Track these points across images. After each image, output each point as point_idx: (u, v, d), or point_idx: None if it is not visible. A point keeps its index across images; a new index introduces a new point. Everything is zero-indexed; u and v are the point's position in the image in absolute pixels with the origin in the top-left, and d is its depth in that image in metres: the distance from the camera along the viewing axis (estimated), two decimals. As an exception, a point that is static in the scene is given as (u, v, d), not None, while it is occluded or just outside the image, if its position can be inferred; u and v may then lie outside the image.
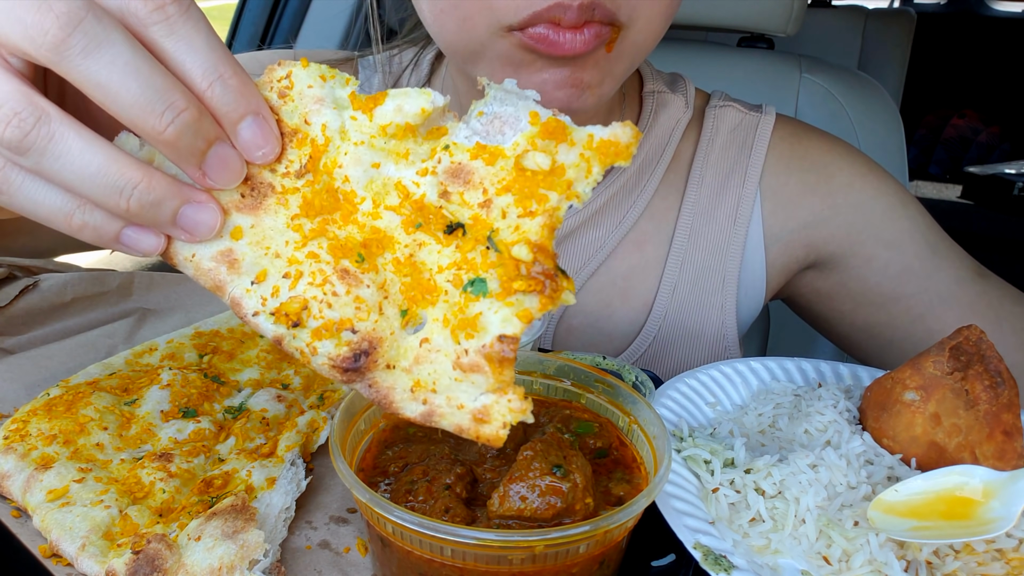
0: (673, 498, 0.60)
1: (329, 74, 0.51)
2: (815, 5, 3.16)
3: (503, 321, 0.46)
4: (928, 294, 0.95)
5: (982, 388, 0.64)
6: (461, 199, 0.49)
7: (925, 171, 6.17)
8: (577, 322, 1.01)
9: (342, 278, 0.49)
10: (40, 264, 0.91)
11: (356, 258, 0.50)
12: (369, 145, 0.51)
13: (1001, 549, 0.57)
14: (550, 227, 0.48)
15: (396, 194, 0.50)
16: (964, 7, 5.99)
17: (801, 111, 1.57)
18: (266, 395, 0.75)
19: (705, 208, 0.98)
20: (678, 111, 1.00)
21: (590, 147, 0.47)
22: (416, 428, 0.61)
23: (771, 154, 0.98)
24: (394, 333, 0.49)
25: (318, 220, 0.51)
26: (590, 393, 0.63)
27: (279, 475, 0.65)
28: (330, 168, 0.51)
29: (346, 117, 0.51)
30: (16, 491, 0.63)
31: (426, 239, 0.50)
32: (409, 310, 0.50)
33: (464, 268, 0.48)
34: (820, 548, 0.57)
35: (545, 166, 0.47)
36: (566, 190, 0.48)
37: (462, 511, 0.52)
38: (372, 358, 0.49)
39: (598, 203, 0.97)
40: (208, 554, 0.55)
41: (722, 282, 0.98)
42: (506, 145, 0.48)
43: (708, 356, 1.00)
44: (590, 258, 0.98)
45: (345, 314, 0.49)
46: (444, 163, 0.49)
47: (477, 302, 0.47)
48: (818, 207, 0.97)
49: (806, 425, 0.69)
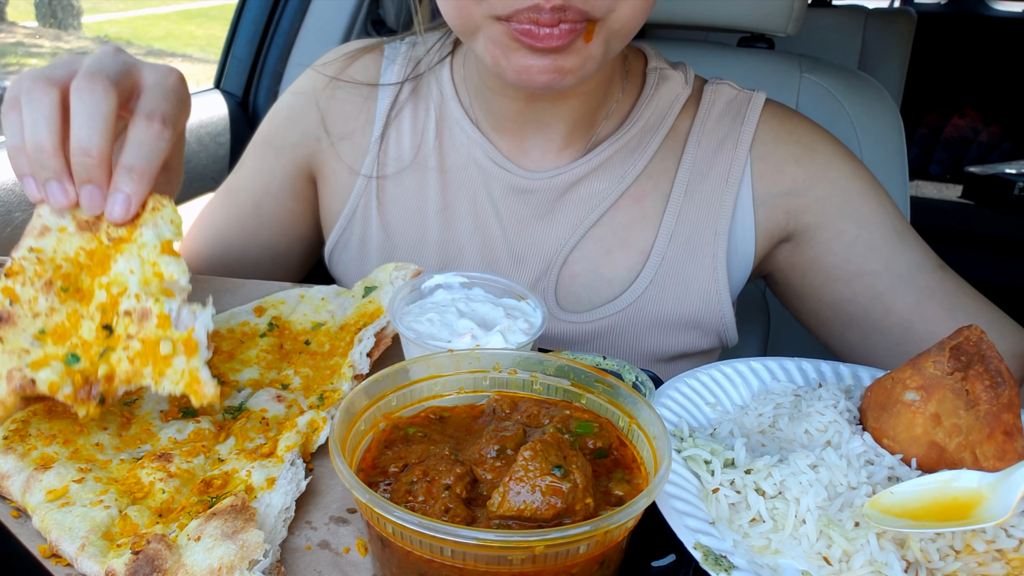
0: (673, 498, 0.60)
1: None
2: (815, 5, 3.15)
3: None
4: (889, 274, 1.02)
5: (982, 388, 0.64)
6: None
7: (925, 171, 6.17)
8: (580, 268, 1.08)
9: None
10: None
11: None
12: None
13: (1001, 549, 0.57)
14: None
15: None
16: (964, 7, 5.99)
17: (801, 111, 1.56)
18: (266, 395, 0.75)
19: (700, 169, 1.07)
20: (678, 86, 1.10)
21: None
22: (416, 428, 0.61)
23: (761, 126, 1.08)
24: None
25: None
26: (590, 393, 0.63)
27: (279, 475, 0.65)
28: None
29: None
30: (16, 491, 0.63)
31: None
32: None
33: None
34: (820, 548, 0.57)
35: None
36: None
37: (462, 511, 0.52)
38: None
39: (601, 158, 1.06)
40: (208, 554, 0.55)
41: (715, 235, 1.07)
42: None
43: (700, 302, 1.07)
44: (592, 208, 1.07)
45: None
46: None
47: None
48: (800, 177, 1.06)
49: (806, 425, 0.69)
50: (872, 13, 2.93)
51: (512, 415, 0.62)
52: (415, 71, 1.15)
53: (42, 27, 9.02)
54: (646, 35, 2.02)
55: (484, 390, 0.66)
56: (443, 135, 1.12)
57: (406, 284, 0.84)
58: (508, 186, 1.08)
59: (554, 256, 1.08)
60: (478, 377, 0.66)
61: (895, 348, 1.02)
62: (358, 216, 1.15)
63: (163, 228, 0.70)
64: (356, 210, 1.15)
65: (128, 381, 0.64)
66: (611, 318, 1.07)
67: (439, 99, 1.13)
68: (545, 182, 1.06)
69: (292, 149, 1.19)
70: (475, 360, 0.66)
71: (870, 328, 1.04)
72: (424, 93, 1.15)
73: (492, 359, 0.66)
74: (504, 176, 1.08)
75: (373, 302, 0.87)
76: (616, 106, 1.08)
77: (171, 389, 0.62)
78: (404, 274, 0.88)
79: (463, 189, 1.10)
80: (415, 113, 1.14)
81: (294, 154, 1.19)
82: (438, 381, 0.65)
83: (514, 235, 1.09)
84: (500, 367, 0.66)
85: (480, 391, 0.66)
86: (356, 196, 1.15)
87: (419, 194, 1.12)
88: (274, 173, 1.20)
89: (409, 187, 1.13)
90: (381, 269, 0.90)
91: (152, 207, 0.72)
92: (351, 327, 0.85)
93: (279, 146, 1.20)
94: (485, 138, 1.09)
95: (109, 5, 11.01)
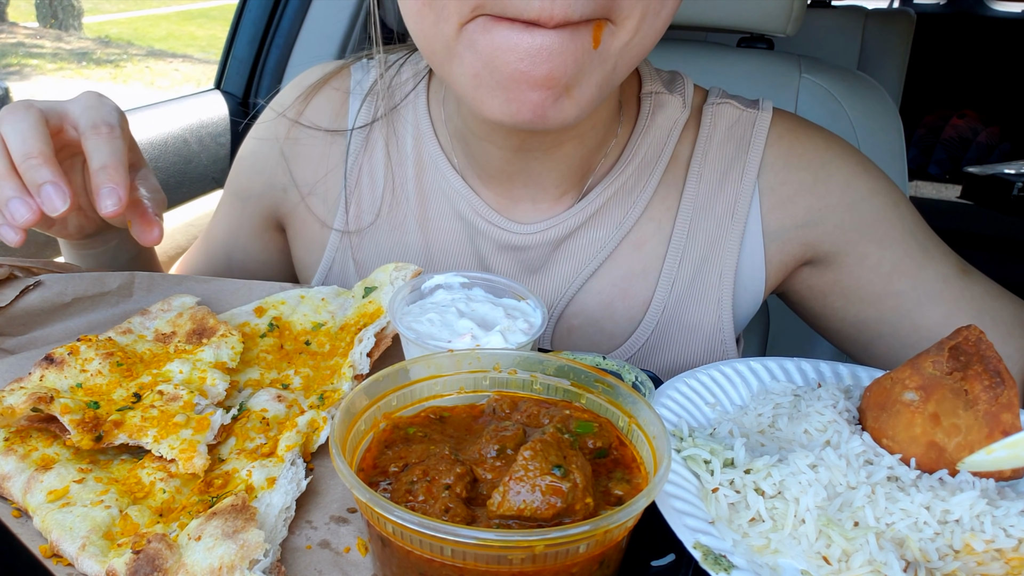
0: (673, 498, 0.60)
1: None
2: (815, 5, 3.16)
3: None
4: (916, 292, 0.97)
5: (981, 388, 0.64)
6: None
7: (925, 171, 6.17)
8: (578, 322, 1.02)
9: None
10: (40, 264, 0.92)
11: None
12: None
13: (1001, 549, 0.57)
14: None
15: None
16: (964, 7, 5.99)
17: (801, 111, 1.57)
18: (266, 395, 0.75)
19: (703, 204, 0.99)
20: (675, 111, 1.00)
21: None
22: (416, 428, 0.61)
23: (768, 151, 0.99)
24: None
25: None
26: (590, 393, 0.63)
27: (279, 475, 0.65)
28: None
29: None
30: (16, 492, 0.63)
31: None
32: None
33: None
34: (820, 548, 0.57)
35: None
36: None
37: (462, 511, 0.52)
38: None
39: (597, 204, 0.97)
40: (208, 554, 0.55)
41: (719, 277, 0.99)
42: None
43: (705, 350, 1.01)
44: (591, 259, 0.99)
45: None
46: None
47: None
48: (815, 206, 0.98)
49: (806, 425, 0.70)
50: (871, 13, 2.93)
51: (512, 415, 0.62)
52: (387, 104, 1.03)
53: (43, 28, 9.02)
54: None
55: (484, 390, 0.66)
56: (422, 182, 1.02)
57: (406, 284, 0.84)
58: (497, 243, 0.99)
59: (549, 311, 1.00)
60: (478, 377, 0.66)
61: None
62: (334, 274, 1.08)
63: (223, 351, 0.79)
64: (332, 267, 1.08)
65: (131, 435, 0.67)
66: None
67: (416, 139, 1.02)
68: (538, 236, 0.97)
69: (258, 200, 1.13)
70: (475, 360, 0.66)
71: (898, 344, 0.99)
72: (399, 128, 1.03)
73: (492, 359, 0.66)
74: (493, 232, 0.98)
75: (373, 302, 0.87)
76: (613, 145, 0.98)
77: (165, 452, 0.65)
78: (404, 274, 0.88)
79: (447, 245, 1.02)
80: (387, 153, 1.03)
81: (260, 204, 1.13)
82: (438, 381, 0.65)
83: None
84: (500, 367, 0.66)
85: (480, 391, 0.66)
86: (331, 251, 1.07)
87: (399, 249, 1.04)
88: (242, 225, 1.16)
89: (386, 242, 1.04)
90: (381, 269, 0.90)
91: (221, 334, 0.81)
92: (351, 327, 0.85)
93: (245, 197, 1.15)
94: (470, 188, 0.98)
95: (110, 6, 11.01)
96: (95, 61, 8.05)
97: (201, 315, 0.84)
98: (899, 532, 0.58)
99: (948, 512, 0.59)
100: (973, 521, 0.59)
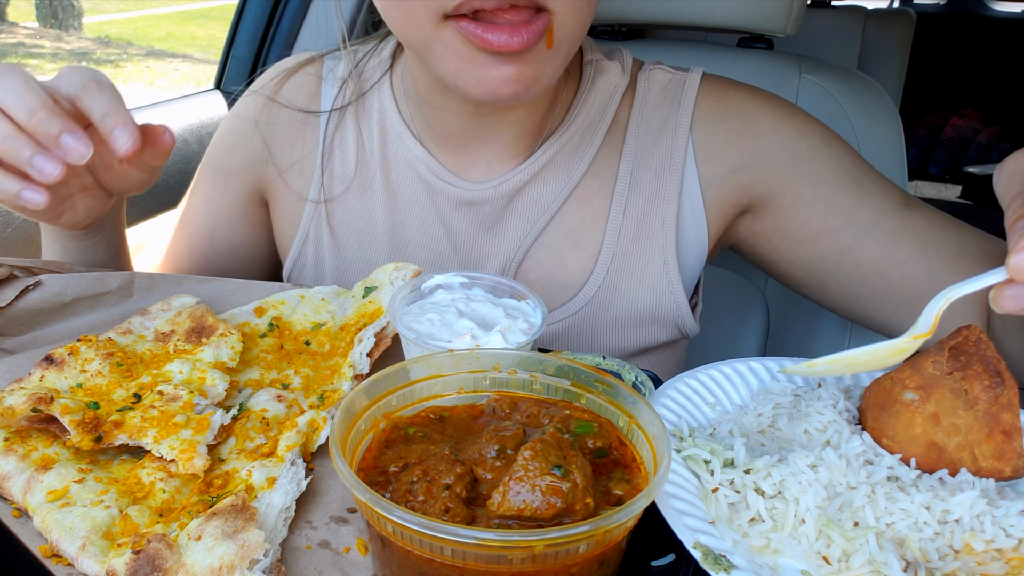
0: (673, 498, 0.60)
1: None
2: (815, 5, 3.16)
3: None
4: (853, 226, 1.01)
5: (981, 388, 0.64)
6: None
7: (925, 171, 6.17)
8: (534, 276, 1.09)
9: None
10: (40, 264, 0.92)
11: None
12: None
13: (1001, 549, 0.57)
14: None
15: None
16: (964, 7, 5.99)
17: (801, 111, 1.57)
18: (266, 395, 0.75)
19: (642, 159, 1.07)
20: (615, 76, 1.08)
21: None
22: (416, 428, 0.61)
23: (699, 106, 1.07)
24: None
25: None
26: (590, 393, 0.63)
27: (279, 475, 0.65)
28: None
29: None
30: (16, 492, 0.64)
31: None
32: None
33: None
34: (820, 548, 0.57)
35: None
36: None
37: (462, 511, 0.52)
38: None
39: (544, 159, 1.05)
40: (208, 554, 0.55)
41: (662, 225, 1.06)
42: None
43: (654, 297, 1.07)
44: (541, 212, 1.07)
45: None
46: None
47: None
48: (745, 151, 1.04)
49: (805, 425, 0.70)
50: (871, 14, 2.93)
51: (512, 415, 0.62)
52: (356, 90, 1.13)
53: (43, 28, 9.03)
54: (645, 36, 2.02)
55: (484, 390, 0.66)
56: (386, 151, 1.11)
57: (406, 284, 0.84)
58: (454, 200, 1.07)
59: (507, 264, 1.08)
60: (478, 377, 0.66)
61: (875, 295, 1.02)
62: (310, 240, 1.15)
63: (223, 351, 0.79)
64: (308, 234, 1.15)
65: (131, 435, 0.67)
66: (568, 320, 1.07)
67: (380, 113, 1.11)
68: (491, 191, 1.05)
69: (240, 174, 1.18)
70: (475, 360, 0.66)
71: (846, 281, 1.03)
72: (367, 109, 1.13)
73: (492, 359, 0.66)
74: (448, 190, 1.06)
75: (373, 302, 0.87)
76: (560, 107, 1.06)
77: (165, 452, 0.66)
78: (404, 274, 0.88)
79: (410, 206, 1.10)
80: (358, 130, 1.12)
81: (243, 179, 1.18)
82: (438, 381, 0.65)
83: (465, 248, 1.09)
84: (500, 367, 0.66)
85: (480, 391, 0.66)
86: (307, 221, 1.14)
87: (367, 214, 1.12)
88: (224, 199, 1.20)
89: (356, 207, 1.12)
90: (381, 269, 0.90)
91: (221, 333, 0.81)
92: (351, 327, 0.85)
93: (226, 172, 1.19)
94: (428, 152, 1.07)
95: (110, 6, 11.01)
96: (95, 61, 8.06)
97: (200, 313, 0.84)
98: (899, 532, 0.58)
99: (948, 512, 0.59)
100: (973, 521, 0.59)
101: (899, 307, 1.00)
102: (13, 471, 0.64)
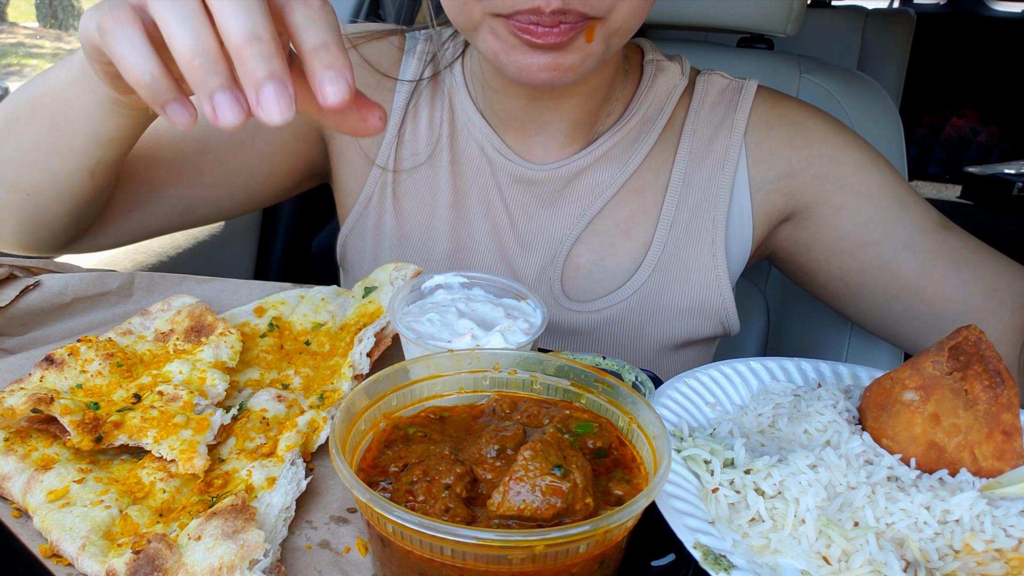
0: (673, 498, 0.60)
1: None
2: (815, 5, 3.16)
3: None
4: (893, 241, 1.04)
5: (981, 388, 0.64)
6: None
7: (925, 171, 6.17)
8: (584, 260, 1.11)
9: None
10: (40, 264, 0.92)
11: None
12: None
13: (1001, 549, 0.57)
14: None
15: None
16: (964, 7, 5.99)
17: (801, 111, 1.57)
18: (266, 395, 0.75)
19: (697, 157, 1.10)
20: (675, 77, 1.12)
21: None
22: (416, 428, 0.61)
23: (754, 112, 1.10)
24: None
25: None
26: (590, 393, 0.63)
27: (279, 475, 0.65)
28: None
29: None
30: (16, 492, 0.63)
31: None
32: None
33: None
34: (820, 548, 0.57)
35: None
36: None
37: (462, 511, 0.52)
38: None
39: (603, 149, 1.09)
40: (208, 554, 0.55)
41: (713, 221, 1.09)
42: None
43: (701, 289, 1.10)
44: (595, 198, 1.10)
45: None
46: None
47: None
48: (795, 158, 1.08)
49: (806, 425, 0.70)
50: (871, 14, 2.93)
51: (512, 415, 0.62)
52: (433, 68, 1.17)
53: (43, 28, 9.03)
54: (645, 35, 2.02)
55: (484, 390, 0.66)
56: (456, 129, 1.14)
57: (406, 284, 0.84)
58: (514, 176, 1.11)
59: (559, 246, 1.10)
60: (478, 377, 0.66)
61: (908, 312, 1.04)
62: (373, 205, 1.17)
63: (222, 351, 0.79)
64: (372, 199, 1.17)
65: (131, 436, 0.67)
66: (616, 307, 1.10)
67: (452, 93, 1.15)
68: (549, 172, 1.09)
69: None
70: (475, 360, 0.66)
71: (881, 296, 1.06)
72: (441, 88, 1.16)
73: (492, 359, 0.66)
74: (509, 167, 1.10)
75: (373, 302, 0.87)
76: (617, 102, 1.11)
77: (165, 452, 0.65)
78: (404, 274, 0.88)
79: (473, 179, 1.13)
80: (432, 108, 1.15)
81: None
82: (438, 381, 0.65)
83: (522, 223, 1.12)
84: (500, 367, 0.66)
85: (480, 391, 0.66)
86: (371, 185, 1.16)
87: (432, 187, 1.15)
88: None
89: (423, 181, 1.15)
90: (381, 269, 0.90)
91: (220, 332, 0.81)
92: (351, 327, 0.85)
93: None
94: (492, 130, 1.11)
95: (109, 5, 10.98)
96: (95, 61, 8.03)
97: (199, 312, 0.84)
98: (899, 532, 0.58)
99: (948, 512, 0.59)
100: (973, 521, 0.59)
101: (930, 326, 1.03)
102: (13, 471, 0.64)
